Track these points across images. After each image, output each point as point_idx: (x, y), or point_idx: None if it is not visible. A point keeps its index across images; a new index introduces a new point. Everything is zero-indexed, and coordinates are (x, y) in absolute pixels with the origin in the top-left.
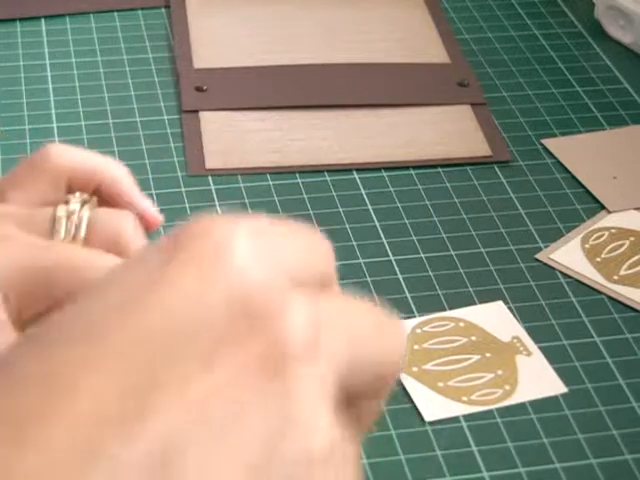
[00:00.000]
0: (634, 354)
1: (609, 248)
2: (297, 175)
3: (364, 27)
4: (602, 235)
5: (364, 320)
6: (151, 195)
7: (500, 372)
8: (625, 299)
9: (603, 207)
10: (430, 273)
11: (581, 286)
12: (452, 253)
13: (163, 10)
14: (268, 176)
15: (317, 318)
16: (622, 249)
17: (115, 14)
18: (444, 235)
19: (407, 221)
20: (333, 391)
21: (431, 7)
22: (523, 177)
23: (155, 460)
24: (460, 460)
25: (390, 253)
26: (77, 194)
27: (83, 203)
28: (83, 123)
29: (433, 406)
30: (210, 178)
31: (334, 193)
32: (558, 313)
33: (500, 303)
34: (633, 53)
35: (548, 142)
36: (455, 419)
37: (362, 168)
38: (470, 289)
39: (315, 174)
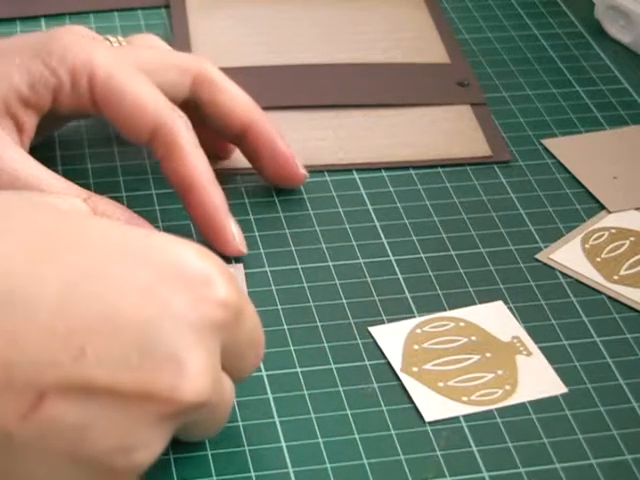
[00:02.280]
0: (634, 354)
1: (609, 248)
2: None
3: (364, 27)
4: (602, 235)
5: None
6: (151, 195)
7: (500, 372)
8: (625, 299)
9: (603, 207)
10: (430, 273)
11: (581, 286)
12: (452, 253)
13: (163, 10)
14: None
15: None
16: (622, 249)
17: (115, 14)
18: (444, 235)
19: (407, 221)
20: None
21: (431, 7)
22: (523, 177)
23: None
24: (460, 460)
25: (390, 253)
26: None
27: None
28: (83, 123)
29: (433, 406)
30: None
31: (334, 193)
32: (558, 313)
33: (500, 303)
34: (633, 53)
35: (548, 142)
36: (455, 419)
37: (362, 168)
38: (470, 289)
39: (315, 174)
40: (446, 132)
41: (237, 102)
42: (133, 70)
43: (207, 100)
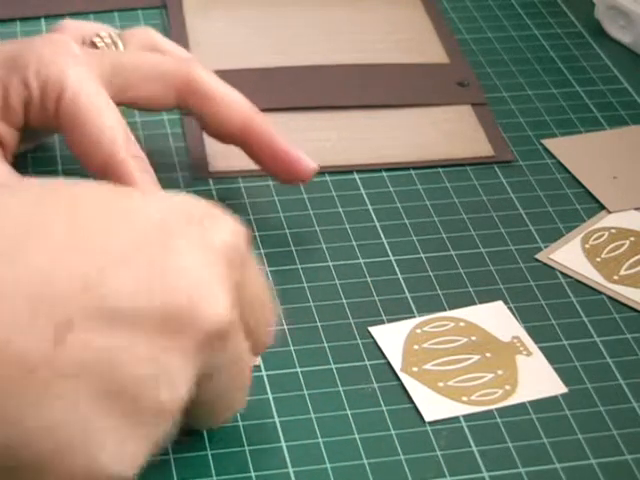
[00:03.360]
0: (634, 354)
1: (609, 248)
2: None
3: (363, 28)
4: (602, 235)
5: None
6: None
7: (500, 372)
8: (625, 299)
9: (603, 207)
10: (430, 273)
11: (581, 286)
12: (452, 253)
13: (163, 10)
14: (269, 177)
15: None
16: (622, 249)
17: (115, 14)
18: (444, 235)
19: (407, 221)
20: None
21: (429, 8)
22: (523, 177)
23: None
24: (460, 460)
25: (390, 253)
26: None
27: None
28: None
29: (433, 406)
30: (210, 179)
31: (334, 193)
32: (558, 313)
33: (500, 303)
34: (633, 53)
35: (548, 142)
36: (455, 419)
37: (362, 169)
38: (470, 289)
39: (315, 174)
40: (447, 132)
41: (229, 108)
42: (102, 95)
43: (197, 109)
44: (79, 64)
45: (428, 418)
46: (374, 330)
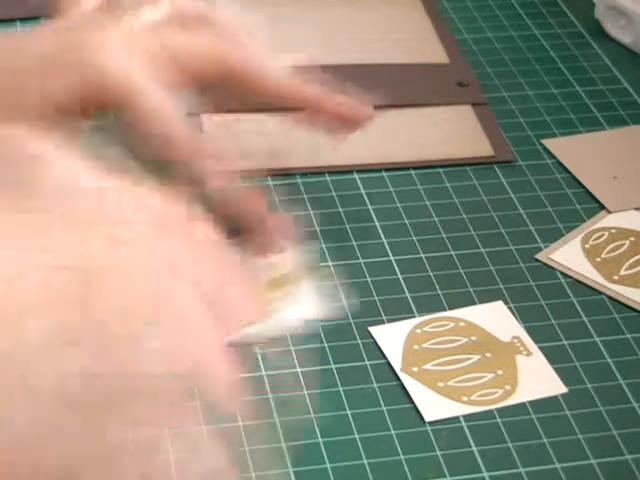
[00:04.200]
0: (634, 354)
1: (609, 248)
2: (297, 176)
3: (362, 28)
4: (602, 235)
5: None
6: None
7: (500, 372)
8: (625, 299)
9: (603, 207)
10: (430, 273)
11: (581, 286)
12: (452, 253)
13: None
14: (269, 177)
15: None
16: (622, 249)
17: None
18: (444, 235)
19: (407, 221)
20: None
21: (428, 8)
22: (523, 177)
23: None
24: (460, 460)
25: (390, 253)
26: None
27: None
28: None
29: (433, 406)
30: None
31: (334, 193)
32: (558, 313)
33: (500, 303)
34: (633, 53)
35: (548, 142)
36: (455, 419)
37: (362, 169)
38: (470, 289)
39: (315, 175)
40: (447, 132)
41: (276, 84)
42: (152, 80)
43: (243, 91)
44: (128, 49)
45: (428, 418)
46: (374, 330)
